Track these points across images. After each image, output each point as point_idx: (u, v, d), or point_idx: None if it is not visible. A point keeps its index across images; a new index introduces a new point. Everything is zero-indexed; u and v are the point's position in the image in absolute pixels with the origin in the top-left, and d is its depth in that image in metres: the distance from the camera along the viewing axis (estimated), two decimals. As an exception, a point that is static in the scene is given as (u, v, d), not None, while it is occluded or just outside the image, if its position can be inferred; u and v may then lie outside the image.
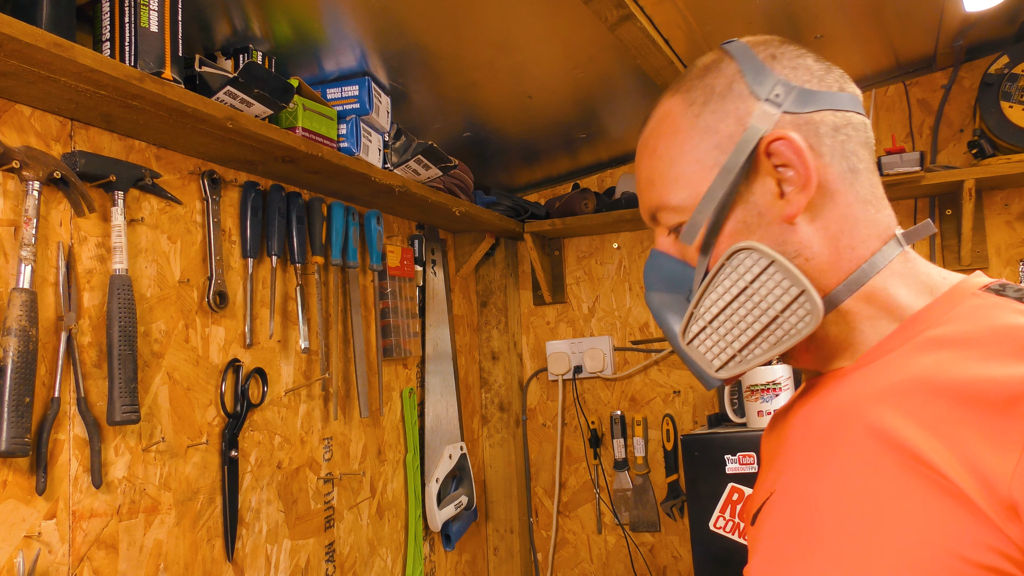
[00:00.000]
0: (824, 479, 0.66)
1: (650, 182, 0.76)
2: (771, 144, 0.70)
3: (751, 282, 0.69)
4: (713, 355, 0.73)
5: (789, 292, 0.67)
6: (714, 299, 0.71)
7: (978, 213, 2.15)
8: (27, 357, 1.10)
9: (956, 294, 0.69)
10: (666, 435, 2.39)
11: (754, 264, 0.69)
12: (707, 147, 0.72)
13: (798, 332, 0.68)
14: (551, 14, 1.56)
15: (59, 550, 1.18)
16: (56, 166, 1.17)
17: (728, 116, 0.72)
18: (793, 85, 0.72)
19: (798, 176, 0.70)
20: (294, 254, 1.68)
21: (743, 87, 0.73)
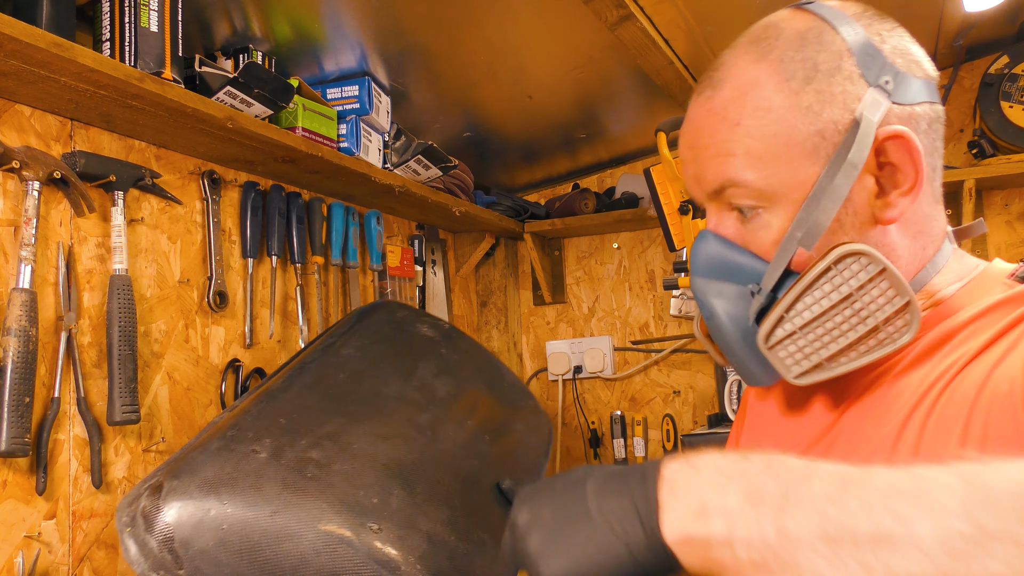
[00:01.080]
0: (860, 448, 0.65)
1: (726, 154, 0.68)
2: (885, 141, 0.65)
3: (857, 289, 0.63)
4: (795, 361, 0.67)
5: (893, 303, 0.62)
6: (810, 303, 0.65)
7: (978, 213, 2.15)
8: (27, 357, 1.10)
9: (984, 282, 0.68)
10: (666, 435, 2.39)
11: (862, 270, 0.63)
12: (807, 131, 0.65)
13: (893, 343, 0.63)
14: (551, 14, 1.56)
15: (59, 550, 1.17)
16: (56, 166, 1.17)
17: (835, 100, 0.65)
18: (899, 71, 0.66)
19: (905, 179, 0.65)
20: (294, 254, 1.68)
21: (852, 67, 0.66)
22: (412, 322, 1.40)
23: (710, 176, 0.70)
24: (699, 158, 0.70)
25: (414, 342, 1.35)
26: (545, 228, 2.42)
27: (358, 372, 1.21)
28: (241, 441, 1.01)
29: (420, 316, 1.45)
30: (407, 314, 1.42)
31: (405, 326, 1.37)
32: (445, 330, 1.44)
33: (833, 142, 0.65)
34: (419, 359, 1.30)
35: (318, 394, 1.14)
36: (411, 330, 1.37)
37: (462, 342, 1.43)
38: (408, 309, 1.46)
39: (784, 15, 0.70)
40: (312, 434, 1.04)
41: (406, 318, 1.40)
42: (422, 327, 1.40)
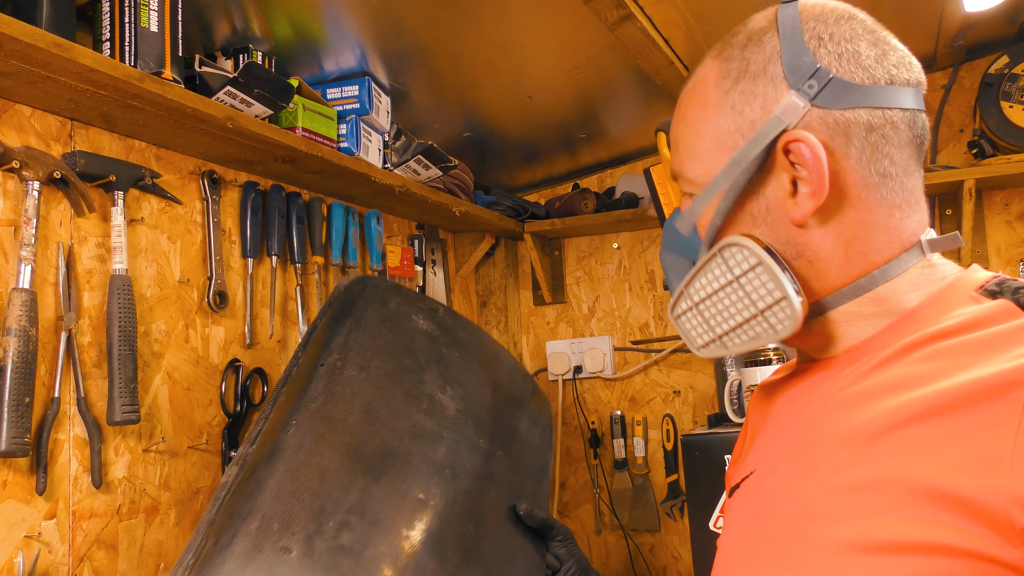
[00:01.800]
0: (804, 471, 0.66)
1: (676, 146, 0.76)
2: (789, 143, 0.67)
3: (739, 276, 0.69)
4: (696, 334, 0.76)
5: (772, 294, 0.68)
6: (703, 284, 0.73)
7: (978, 213, 2.15)
8: (27, 357, 1.10)
9: (951, 294, 0.67)
10: (666, 435, 2.39)
11: (744, 260, 0.69)
12: (729, 128, 0.70)
13: (776, 333, 0.69)
14: (551, 14, 1.56)
15: (59, 550, 1.18)
16: (56, 166, 1.17)
17: (755, 100, 0.69)
18: (831, 76, 0.67)
19: (811, 182, 0.67)
20: (294, 254, 1.68)
21: (777, 70, 0.68)
22: (408, 315, 1.35)
23: (672, 163, 0.77)
24: (671, 145, 0.78)
25: (415, 345, 1.30)
26: (545, 228, 2.42)
27: (368, 406, 1.16)
28: (268, 536, 0.95)
29: (413, 303, 1.39)
30: (399, 304, 1.36)
31: (401, 322, 1.33)
32: (441, 319, 1.39)
33: (747, 139, 0.69)
34: (424, 369, 1.27)
35: (334, 448, 1.08)
36: (408, 326, 1.33)
37: (461, 332, 1.40)
38: (397, 293, 1.38)
39: (763, 13, 0.73)
40: (338, 510, 1.00)
41: (400, 311, 1.34)
42: (418, 320, 1.35)
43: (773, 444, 0.75)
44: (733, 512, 0.78)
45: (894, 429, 0.60)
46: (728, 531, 0.78)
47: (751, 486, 0.76)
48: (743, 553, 0.71)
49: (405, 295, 1.40)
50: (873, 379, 0.65)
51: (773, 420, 0.78)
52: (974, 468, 0.55)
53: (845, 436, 0.63)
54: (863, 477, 0.60)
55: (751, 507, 0.74)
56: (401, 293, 1.39)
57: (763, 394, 0.87)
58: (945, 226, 2.18)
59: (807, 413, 0.70)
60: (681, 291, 0.75)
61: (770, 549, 0.66)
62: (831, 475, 0.62)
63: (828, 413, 0.67)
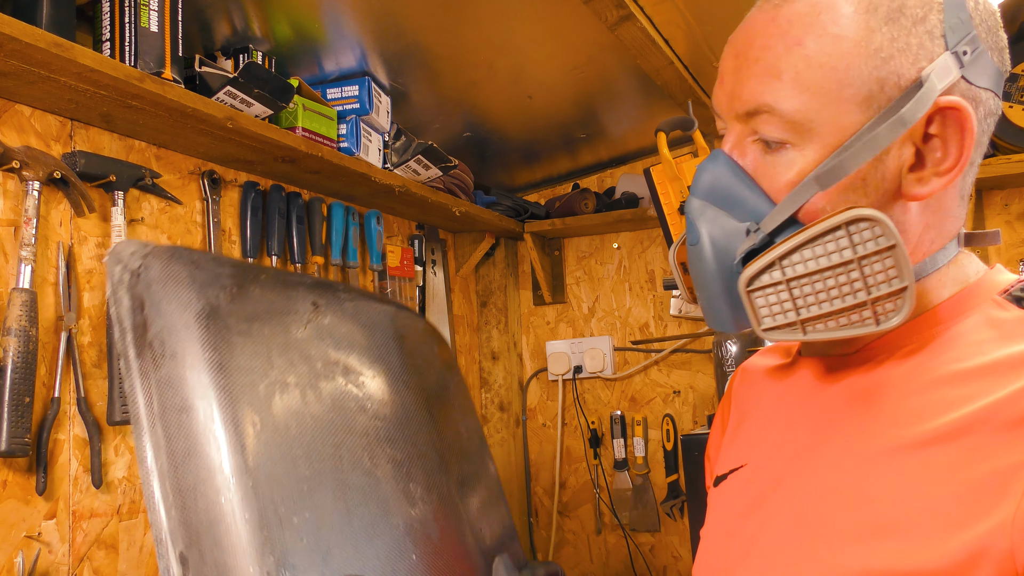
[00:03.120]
0: (822, 476, 0.64)
1: (773, 75, 0.61)
2: (946, 110, 0.59)
3: (860, 257, 0.58)
4: (770, 312, 0.62)
5: (892, 283, 0.58)
6: (807, 257, 0.60)
7: (978, 213, 2.15)
8: (27, 357, 1.10)
9: (974, 296, 0.64)
10: (666, 435, 2.39)
11: (872, 240, 0.58)
12: (867, 75, 0.59)
13: (876, 325, 0.59)
14: (551, 14, 1.56)
15: (59, 550, 1.17)
16: (56, 166, 1.17)
17: (907, 51, 0.59)
18: (980, 47, 0.60)
19: (947, 157, 0.61)
20: (294, 254, 1.68)
21: (937, 23, 0.59)
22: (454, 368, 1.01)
23: (746, 95, 0.63)
24: (741, 70, 0.64)
25: (452, 390, 0.99)
26: (545, 228, 2.42)
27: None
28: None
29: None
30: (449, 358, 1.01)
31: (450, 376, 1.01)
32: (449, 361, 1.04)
33: (888, 95, 0.60)
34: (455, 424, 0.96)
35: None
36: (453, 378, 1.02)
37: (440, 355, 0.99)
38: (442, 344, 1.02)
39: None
40: None
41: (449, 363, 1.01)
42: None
43: (773, 440, 0.72)
44: (721, 505, 0.75)
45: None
46: (715, 525, 0.75)
47: (742, 479, 0.73)
48: (741, 550, 0.69)
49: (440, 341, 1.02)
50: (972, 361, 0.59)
51: (772, 413, 0.75)
52: None
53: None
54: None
55: (745, 502, 0.71)
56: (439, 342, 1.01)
57: (752, 380, 0.83)
58: (945, 226, 2.18)
59: (837, 409, 0.66)
60: (772, 262, 0.61)
61: (794, 550, 0.62)
62: (956, 470, 0.56)
63: (890, 408, 0.62)
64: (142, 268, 0.69)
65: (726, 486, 0.76)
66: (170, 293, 0.69)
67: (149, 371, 0.67)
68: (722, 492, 0.76)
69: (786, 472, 0.68)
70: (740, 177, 0.65)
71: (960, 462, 0.55)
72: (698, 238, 0.66)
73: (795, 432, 0.70)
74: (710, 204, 0.66)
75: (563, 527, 2.57)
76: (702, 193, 0.66)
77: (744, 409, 0.82)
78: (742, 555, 0.68)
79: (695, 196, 0.66)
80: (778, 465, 0.69)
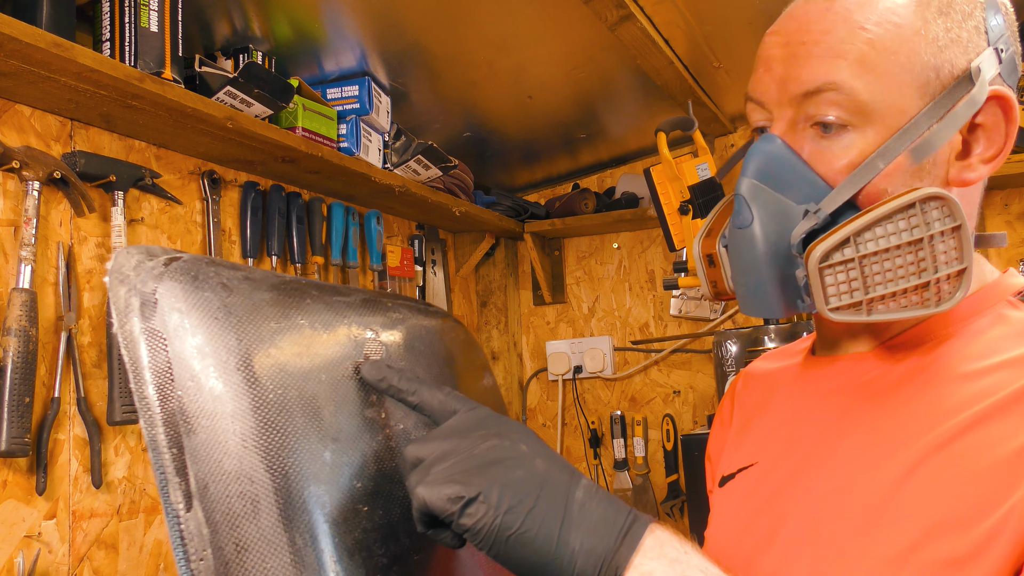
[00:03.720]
0: (843, 470, 0.64)
1: (837, 55, 0.62)
2: (991, 99, 0.63)
3: (929, 237, 0.59)
4: (836, 291, 0.62)
5: (952, 264, 0.60)
6: (879, 235, 0.60)
7: (978, 213, 2.15)
8: (27, 357, 1.10)
9: (990, 296, 0.66)
10: (666, 435, 2.39)
11: (940, 219, 0.59)
12: (925, 61, 0.62)
13: (935, 306, 0.60)
14: (551, 14, 1.56)
15: (59, 550, 1.18)
16: (56, 166, 1.18)
17: (958, 42, 0.62)
18: (1012, 48, 0.64)
19: (992, 144, 0.64)
20: (294, 254, 1.68)
21: (981, 21, 0.63)
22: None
23: (807, 75, 0.63)
24: (798, 55, 0.64)
25: (492, 399, 0.94)
26: (545, 228, 2.42)
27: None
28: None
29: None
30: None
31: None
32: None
33: (943, 83, 0.62)
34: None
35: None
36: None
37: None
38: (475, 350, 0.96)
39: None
40: None
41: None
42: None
43: (786, 437, 0.72)
44: (731, 504, 0.75)
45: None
46: (726, 523, 0.75)
47: (752, 477, 0.73)
48: (758, 546, 0.68)
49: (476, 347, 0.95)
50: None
51: (784, 412, 0.75)
52: None
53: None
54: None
55: (759, 499, 0.71)
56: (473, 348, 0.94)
57: (758, 383, 0.84)
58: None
59: (856, 405, 0.67)
60: (847, 238, 0.61)
61: (818, 547, 0.63)
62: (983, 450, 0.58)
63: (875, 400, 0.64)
64: (158, 295, 0.53)
65: (734, 485, 0.75)
66: (202, 332, 0.52)
67: (179, 438, 0.52)
68: (730, 491, 0.76)
69: (802, 467, 0.68)
70: (795, 160, 0.65)
71: (980, 453, 0.57)
72: (751, 219, 0.65)
73: (810, 428, 0.70)
74: (764, 186, 0.65)
75: (563, 527, 2.57)
76: (757, 174, 0.65)
77: (750, 411, 0.82)
78: (759, 550, 0.68)
79: (748, 177, 0.65)
80: (793, 461, 0.69)
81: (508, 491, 0.53)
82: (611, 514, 0.54)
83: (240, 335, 0.54)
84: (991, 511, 0.54)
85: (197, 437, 0.51)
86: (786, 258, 0.64)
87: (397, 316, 0.72)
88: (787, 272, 0.65)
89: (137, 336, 0.52)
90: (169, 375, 0.52)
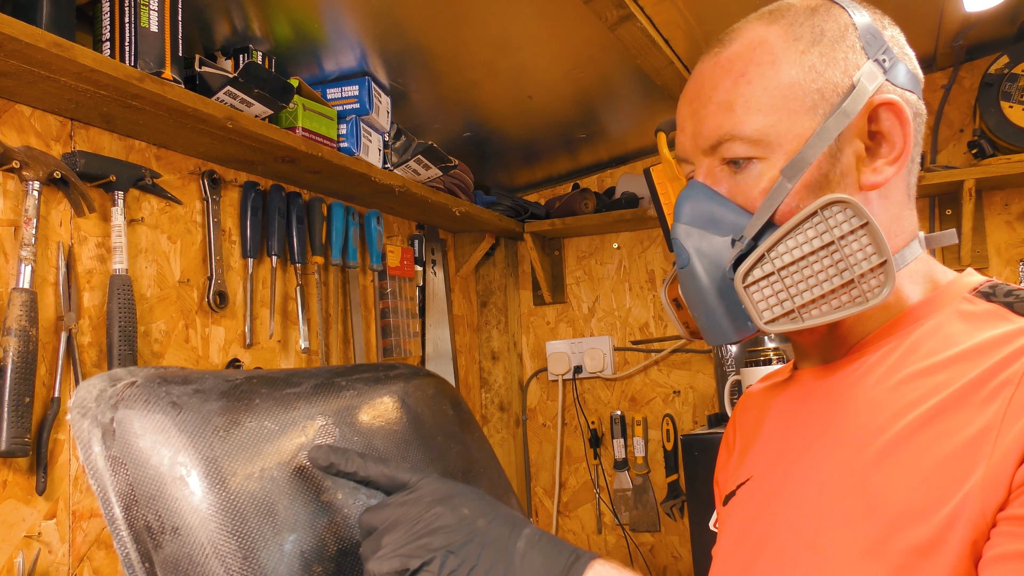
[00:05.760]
0: (819, 471, 0.67)
1: (726, 106, 0.69)
2: (879, 107, 0.68)
3: (839, 238, 0.64)
4: (767, 305, 0.68)
5: (871, 259, 0.64)
6: (792, 246, 0.66)
7: (978, 213, 2.15)
8: (27, 357, 1.10)
9: (947, 295, 0.69)
10: (666, 435, 2.39)
11: (845, 221, 0.64)
12: (808, 87, 0.67)
13: (865, 302, 0.64)
14: (551, 14, 1.56)
15: (59, 550, 1.17)
16: (56, 166, 1.17)
17: (836, 64, 0.68)
18: (895, 55, 0.70)
19: (892, 148, 0.68)
20: (294, 254, 1.68)
21: (855, 39, 0.69)
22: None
23: (707, 131, 0.70)
24: (698, 112, 0.71)
25: (475, 454, 0.93)
26: (545, 228, 2.42)
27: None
28: None
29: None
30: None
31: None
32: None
33: (831, 102, 0.67)
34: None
35: None
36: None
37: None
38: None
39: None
40: None
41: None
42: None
43: (774, 450, 0.75)
44: (730, 519, 0.78)
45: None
46: (723, 538, 0.77)
47: (747, 492, 0.76)
48: (749, 557, 0.70)
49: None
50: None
51: (773, 425, 0.78)
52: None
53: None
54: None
55: (750, 511, 0.74)
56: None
57: (753, 402, 0.87)
58: (945, 226, 2.18)
59: (827, 410, 0.70)
60: (761, 255, 0.67)
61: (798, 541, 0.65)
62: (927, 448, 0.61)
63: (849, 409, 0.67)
64: (115, 422, 0.58)
65: (735, 502, 0.78)
66: (156, 453, 0.57)
67: (149, 553, 0.57)
68: (731, 508, 0.78)
69: (787, 475, 0.71)
70: (717, 199, 0.71)
71: (938, 444, 0.60)
72: (688, 259, 0.71)
73: (792, 438, 0.73)
74: (694, 227, 0.71)
75: (563, 527, 2.57)
76: (685, 219, 0.72)
77: (748, 432, 0.85)
78: (752, 558, 0.70)
79: (679, 223, 0.72)
80: (779, 471, 0.72)
81: (451, 556, 0.58)
82: (552, 559, 0.58)
83: (192, 452, 0.59)
84: (949, 498, 0.57)
85: (164, 551, 0.56)
86: (725, 285, 0.70)
87: (351, 394, 0.75)
88: (731, 299, 0.70)
89: (100, 465, 0.57)
90: (133, 497, 0.57)
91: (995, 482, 0.56)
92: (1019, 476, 0.55)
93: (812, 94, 0.67)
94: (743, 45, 0.70)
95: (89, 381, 0.61)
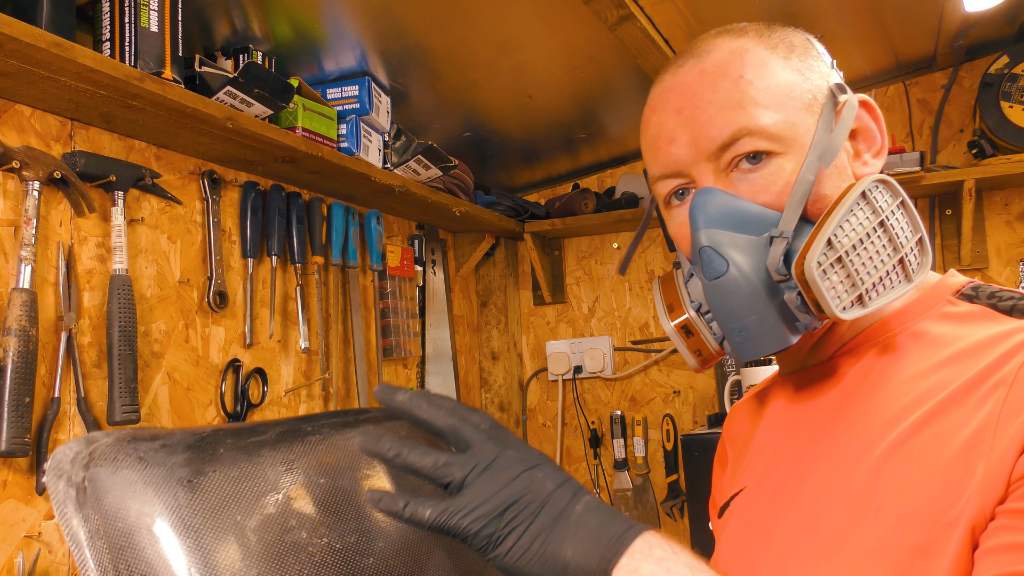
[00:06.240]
0: (817, 478, 0.67)
1: (734, 104, 0.67)
2: (859, 107, 0.71)
3: (889, 218, 0.66)
4: (837, 292, 0.64)
5: (910, 236, 0.67)
6: (847, 230, 0.65)
7: (978, 213, 2.15)
8: (27, 357, 1.10)
9: (930, 298, 0.70)
10: (666, 435, 2.39)
11: (890, 198, 0.67)
12: (801, 87, 0.69)
13: (911, 279, 0.66)
14: (551, 14, 1.56)
15: (59, 550, 1.17)
16: (56, 166, 1.17)
17: (812, 70, 0.71)
18: (835, 64, 0.74)
19: (873, 142, 0.73)
20: (294, 254, 1.68)
21: (817, 51, 0.73)
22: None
23: (715, 131, 0.68)
24: (696, 118, 0.69)
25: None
26: (545, 228, 2.42)
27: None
28: None
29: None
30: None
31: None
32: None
33: (820, 103, 0.70)
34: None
35: None
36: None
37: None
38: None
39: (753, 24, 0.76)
40: None
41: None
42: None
43: (766, 459, 0.75)
44: (726, 531, 0.78)
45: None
46: (721, 548, 0.77)
47: (741, 503, 0.76)
48: (748, 566, 0.70)
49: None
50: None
51: (765, 435, 0.78)
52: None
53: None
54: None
55: (746, 521, 0.74)
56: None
57: (740, 417, 0.88)
58: (945, 226, 2.18)
59: (821, 417, 0.71)
60: (829, 239, 0.64)
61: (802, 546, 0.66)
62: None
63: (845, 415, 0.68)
64: (87, 481, 0.62)
65: (729, 512, 0.78)
66: (124, 507, 0.61)
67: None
68: (726, 519, 0.79)
69: (783, 485, 0.71)
70: (737, 199, 0.68)
71: (937, 446, 0.60)
72: (727, 264, 0.67)
73: (786, 446, 0.73)
74: (723, 230, 0.67)
75: (563, 527, 2.57)
76: (710, 223, 0.68)
77: (738, 445, 0.85)
78: (752, 566, 0.70)
79: (703, 229, 0.68)
80: (774, 480, 0.72)
81: (525, 520, 0.59)
82: (606, 524, 0.59)
83: (157, 503, 0.62)
84: (950, 499, 0.58)
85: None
86: (773, 287, 0.67)
87: (316, 439, 0.76)
88: (779, 299, 0.67)
89: (75, 524, 0.61)
90: (107, 553, 0.60)
91: (994, 479, 0.56)
92: (1017, 470, 0.56)
93: (806, 93, 0.69)
94: (727, 53, 0.70)
95: (67, 444, 0.64)
